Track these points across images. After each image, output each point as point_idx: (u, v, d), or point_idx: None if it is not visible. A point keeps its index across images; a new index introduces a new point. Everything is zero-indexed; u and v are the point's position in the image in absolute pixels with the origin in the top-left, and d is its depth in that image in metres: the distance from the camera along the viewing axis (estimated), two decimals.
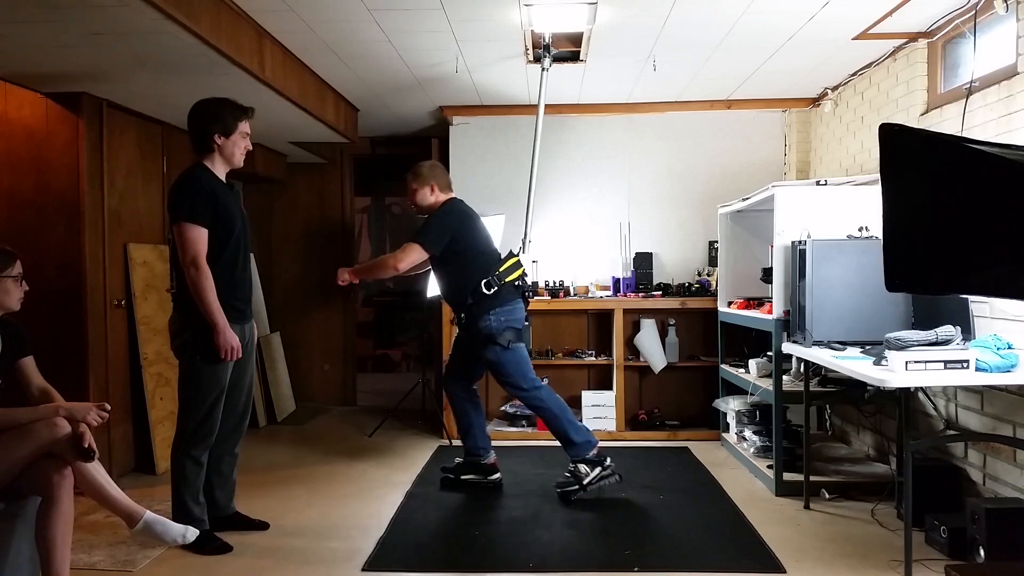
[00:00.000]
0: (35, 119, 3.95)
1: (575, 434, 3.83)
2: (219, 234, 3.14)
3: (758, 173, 5.47)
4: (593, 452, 3.82)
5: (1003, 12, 3.21)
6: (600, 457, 3.82)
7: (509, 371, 3.89)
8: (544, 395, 3.90)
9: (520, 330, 3.92)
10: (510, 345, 3.84)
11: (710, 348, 5.23)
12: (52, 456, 2.53)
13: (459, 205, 4.01)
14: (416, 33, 3.86)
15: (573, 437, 3.83)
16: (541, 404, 3.89)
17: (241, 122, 3.22)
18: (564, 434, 3.85)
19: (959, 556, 3.00)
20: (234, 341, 3.13)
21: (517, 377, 3.89)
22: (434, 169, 4.04)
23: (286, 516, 3.62)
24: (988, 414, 3.29)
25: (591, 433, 3.91)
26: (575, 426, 3.86)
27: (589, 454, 3.81)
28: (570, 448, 3.84)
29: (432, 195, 3.97)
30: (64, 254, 3.95)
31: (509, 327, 3.85)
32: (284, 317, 6.43)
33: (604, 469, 3.79)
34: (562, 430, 3.85)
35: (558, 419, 3.85)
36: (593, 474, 3.78)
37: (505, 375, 3.91)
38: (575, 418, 3.93)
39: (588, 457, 3.80)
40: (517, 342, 3.89)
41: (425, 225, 3.90)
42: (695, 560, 3.07)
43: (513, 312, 3.88)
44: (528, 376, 3.91)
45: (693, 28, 3.86)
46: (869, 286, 3.47)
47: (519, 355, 3.90)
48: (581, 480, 3.78)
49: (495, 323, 3.82)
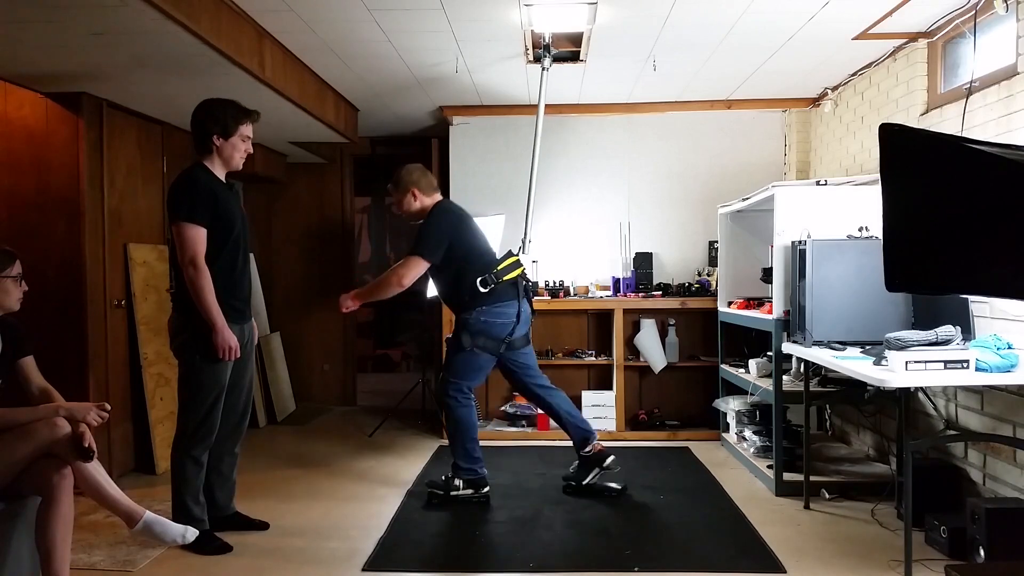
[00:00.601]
0: (35, 119, 3.95)
1: (462, 459, 3.82)
2: (218, 234, 3.14)
3: (758, 173, 5.47)
4: (474, 477, 3.82)
5: (1003, 12, 3.21)
6: (481, 482, 3.82)
7: (454, 368, 3.82)
8: (460, 411, 3.82)
9: (500, 339, 3.79)
10: (472, 348, 3.77)
11: (710, 348, 5.23)
12: (52, 456, 2.53)
13: (449, 207, 3.95)
14: (416, 33, 3.86)
15: (460, 462, 3.82)
16: (451, 412, 3.83)
17: (243, 125, 3.21)
18: (454, 451, 3.84)
19: (959, 556, 3.00)
20: (232, 341, 3.12)
21: (456, 378, 3.82)
22: (412, 173, 3.90)
23: (286, 516, 3.62)
24: (988, 414, 3.29)
25: (480, 466, 3.84)
26: (467, 453, 3.82)
27: (469, 477, 3.81)
28: (453, 466, 3.84)
29: (416, 201, 3.87)
30: (64, 254, 3.95)
31: (486, 333, 3.77)
32: (284, 317, 6.43)
33: (476, 494, 3.80)
34: (456, 447, 3.84)
35: (456, 439, 3.84)
36: (463, 492, 3.79)
37: (449, 369, 3.86)
38: (474, 448, 3.84)
39: (468, 478, 3.81)
40: (484, 350, 3.79)
41: (421, 234, 3.79)
42: (695, 560, 3.07)
43: (500, 315, 3.78)
44: (463, 383, 3.83)
45: (693, 28, 3.86)
46: (869, 286, 3.47)
47: (473, 362, 3.81)
48: (449, 490, 3.79)
49: (474, 321, 3.76)
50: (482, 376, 3.94)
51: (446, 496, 3.78)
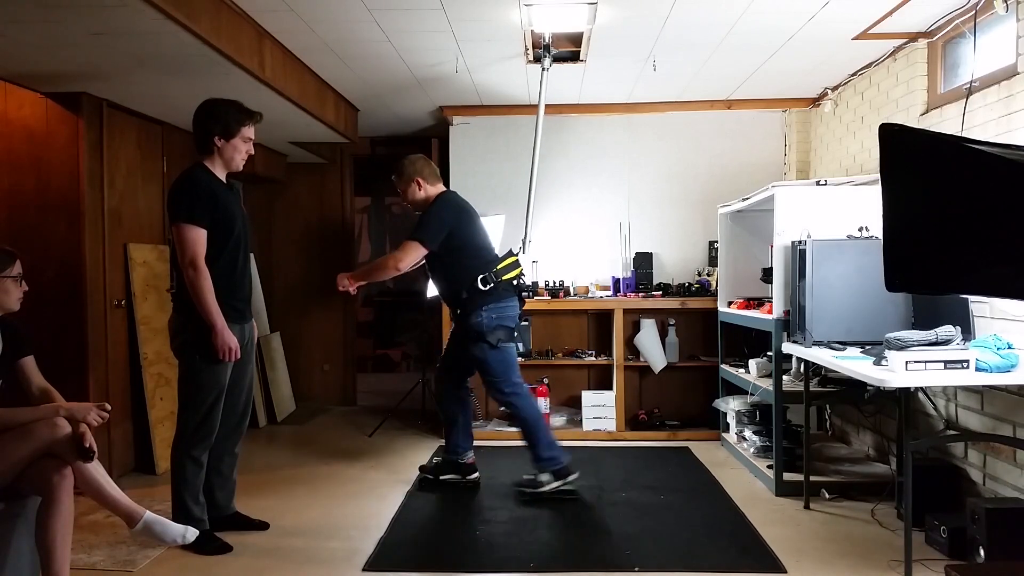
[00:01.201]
0: (35, 119, 3.95)
1: (543, 450, 3.82)
2: (219, 234, 3.14)
3: (758, 173, 5.47)
4: (559, 467, 3.81)
5: (1003, 12, 3.21)
6: (565, 472, 3.82)
7: (494, 370, 3.86)
8: (523, 402, 3.86)
9: (512, 329, 3.87)
10: (499, 344, 3.81)
11: (710, 348, 5.23)
12: (52, 456, 2.53)
13: (453, 198, 3.98)
14: (416, 33, 3.86)
15: (541, 452, 3.82)
16: (517, 411, 3.86)
17: (245, 126, 3.20)
18: (533, 446, 3.85)
19: (959, 556, 3.00)
20: (232, 342, 3.12)
21: (500, 379, 3.86)
22: (415, 163, 3.94)
23: (286, 516, 3.62)
24: (988, 414, 3.29)
25: (561, 451, 3.86)
26: (547, 442, 3.83)
27: (554, 468, 3.81)
28: (534, 460, 3.85)
29: (421, 190, 3.92)
30: (64, 254, 3.95)
31: (500, 325, 3.82)
32: (284, 317, 6.43)
33: (565, 483, 3.80)
34: (532, 442, 3.84)
35: (530, 431, 3.84)
36: (552, 485, 3.80)
37: (489, 374, 3.88)
38: (549, 434, 3.88)
39: (553, 469, 3.81)
40: (507, 342, 3.86)
41: (422, 221, 3.85)
42: (696, 560, 3.07)
43: (506, 310, 3.85)
44: (511, 379, 3.87)
45: (693, 28, 3.86)
46: (869, 286, 3.47)
47: (506, 355, 3.86)
48: (538, 487, 3.80)
49: (486, 320, 3.80)
50: (517, 365, 3.95)
51: (536, 494, 3.78)
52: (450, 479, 4.07)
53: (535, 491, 3.80)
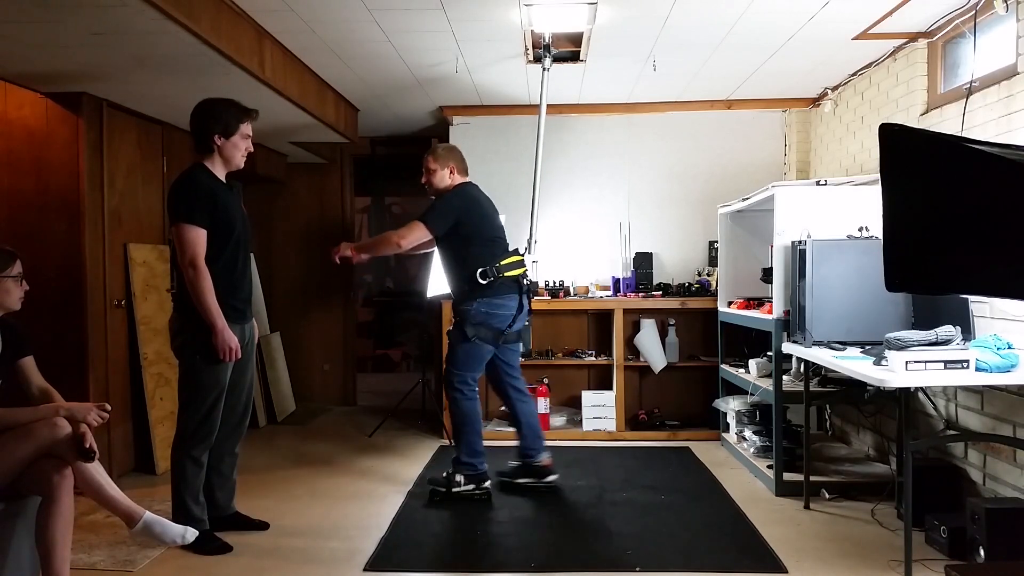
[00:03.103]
0: (35, 119, 3.95)
1: (466, 454, 3.83)
2: (218, 234, 3.14)
3: (758, 173, 5.47)
4: (476, 473, 3.83)
5: (1003, 12, 3.21)
6: (480, 478, 3.83)
7: (456, 360, 3.85)
8: (464, 405, 3.84)
9: (499, 330, 3.82)
10: (473, 339, 3.79)
11: (710, 348, 5.23)
12: (52, 456, 2.52)
13: (471, 190, 3.97)
14: (416, 33, 3.86)
15: (462, 455, 3.83)
16: (456, 407, 3.85)
17: (243, 124, 3.21)
18: (458, 444, 3.86)
19: (959, 556, 3.00)
20: (232, 342, 3.12)
21: (457, 370, 3.84)
22: (452, 151, 4.00)
23: (286, 516, 3.62)
24: (988, 414, 3.29)
25: (482, 462, 3.86)
26: (471, 448, 3.84)
27: (471, 472, 3.82)
28: (454, 461, 3.85)
29: (450, 177, 3.93)
30: (64, 254, 3.95)
31: (486, 323, 3.79)
32: (284, 317, 6.43)
33: (478, 489, 3.82)
34: (459, 442, 3.86)
35: (460, 433, 3.85)
36: (464, 487, 3.80)
37: (451, 361, 3.88)
38: (478, 442, 3.86)
39: (468, 473, 3.82)
40: (484, 341, 3.81)
41: (432, 205, 3.88)
42: (697, 560, 3.07)
43: (501, 307, 3.82)
44: (467, 378, 3.85)
45: (693, 28, 3.86)
46: (869, 286, 3.47)
47: (475, 352, 3.83)
48: (451, 487, 3.80)
49: (474, 311, 3.79)
50: (483, 367, 3.94)
51: (448, 493, 3.79)
52: (526, 483, 3.99)
53: (447, 490, 3.80)
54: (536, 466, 4.01)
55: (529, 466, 4.01)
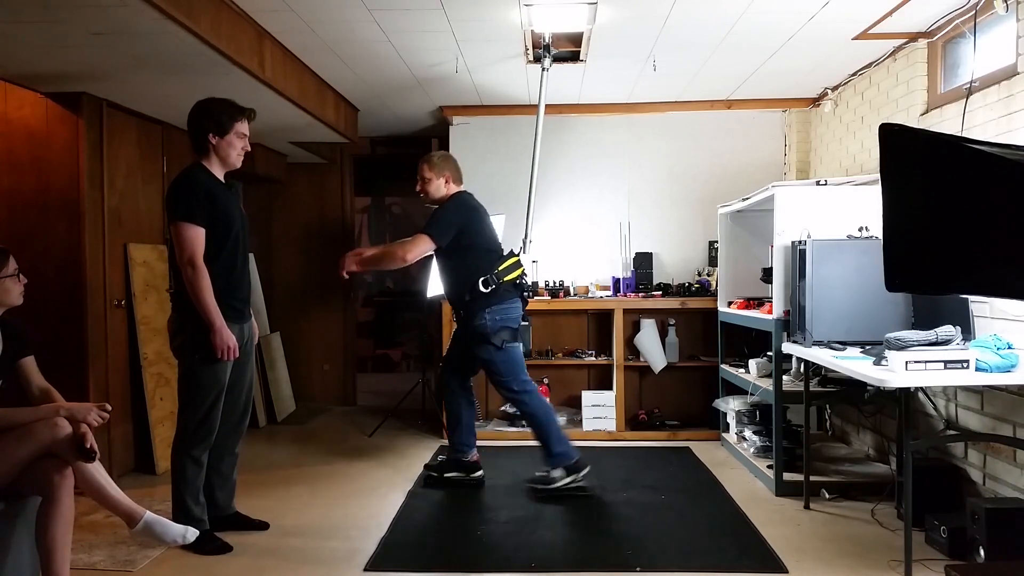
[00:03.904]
0: (35, 119, 3.95)
1: (555, 445, 3.86)
2: (217, 234, 3.14)
3: (758, 173, 5.47)
4: (571, 462, 3.84)
5: (1003, 12, 3.21)
6: (578, 467, 3.85)
7: (500, 371, 3.89)
8: (532, 400, 3.89)
9: (516, 329, 3.90)
10: (504, 345, 3.84)
11: (710, 348, 5.23)
12: (52, 456, 2.52)
13: (469, 199, 4.00)
14: (416, 33, 3.86)
15: (552, 448, 3.86)
16: (527, 408, 3.90)
17: (238, 122, 3.20)
18: (545, 442, 3.87)
19: (959, 556, 3.00)
20: (231, 341, 3.12)
21: (508, 378, 3.89)
22: (448, 160, 4.02)
23: (286, 516, 3.62)
24: (988, 414, 3.29)
25: (572, 446, 3.90)
26: (556, 437, 3.87)
27: (566, 463, 3.84)
28: (547, 456, 3.88)
29: (445, 186, 3.96)
30: (64, 254, 3.95)
31: (504, 327, 3.84)
32: (284, 317, 6.43)
33: (577, 478, 3.84)
34: (544, 437, 3.87)
35: (542, 427, 3.87)
36: (565, 480, 3.83)
37: (497, 374, 3.91)
38: (560, 429, 3.92)
39: (565, 465, 3.84)
40: (512, 342, 3.88)
41: (434, 216, 3.88)
42: (697, 560, 3.07)
43: (509, 311, 3.87)
44: (519, 378, 3.90)
45: (693, 28, 3.86)
46: (869, 286, 3.47)
47: (512, 356, 3.89)
48: (550, 483, 3.83)
49: (490, 322, 3.82)
50: (523, 366, 3.98)
51: (550, 489, 3.82)
52: (454, 477, 4.08)
53: (547, 487, 3.83)
54: (466, 461, 4.09)
55: (458, 461, 4.10)
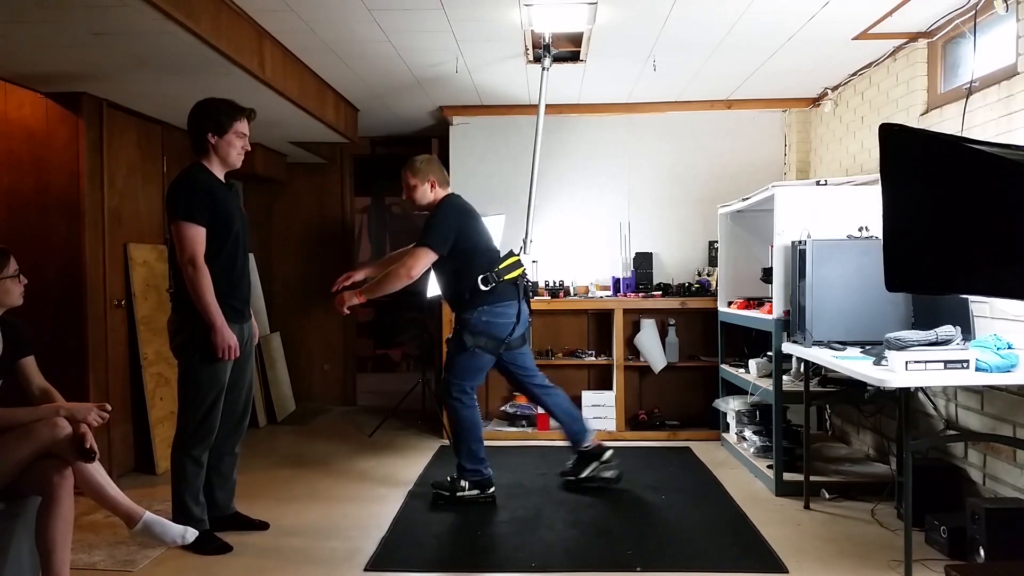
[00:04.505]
0: (35, 119, 3.95)
1: (468, 462, 3.81)
2: (217, 233, 3.14)
3: (758, 173, 5.47)
4: (479, 479, 3.81)
5: (1003, 12, 3.21)
6: (486, 483, 3.82)
7: (455, 368, 3.83)
8: (463, 412, 3.82)
9: (500, 340, 3.79)
10: (474, 348, 3.77)
11: (710, 348, 5.23)
12: (52, 456, 2.52)
13: (458, 201, 3.95)
14: (416, 33, 3.86)
15: (463, 461, 3.82)
16: (456, 413, 3.83)
17: (237, 122, 3.20)
18: (459, 452, 3.84)
19: (959, 556, 3.00)
20: (231, 340, 3.12)
21: (456, 379, 3.82)
22: (431, 164, 3.93)
23: (286, 516, 3.62)
24: (988, 414, 3.29)
25: (486, 467, 3.83)
26: (473, 455, 3.82)
27: (474, 479, 3.81)
28: (457, 468, 3.84)
29: (432, 191, 3.88)
30: (64, 254, 3.95)
31: (487, 333, 3.77)
32: (284, 317, 6.43)
33: (483, 494, 3.81)
34: (461, 447, 3.84)
35: (460, 438, 3.83)
36: (470, 492, 3.80)
37: (449, 370, 3.85)
38: (479, 448, 3.84)
39: (472, 479, 3.80)
40: (485, 350, 3.79)
41: (429, 226, 3.79)
42: (697, 560, 3.07)
43: (502, 315, 3.78)
44: (465, 386, 3.83)
45: (693, 28, 3.86)
46: (869, 286, 3.47)
47: (475, 362, 3.81)
48: (456, 491, 3.79)
49: (475, 321, 3.76)
50: (483, 376, 3.94)
51: (452, 497, 3.78)
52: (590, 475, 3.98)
53: (451, 495, 3.79)
54: (588, 451, 3.99)
55: (583, 454, 4.00)
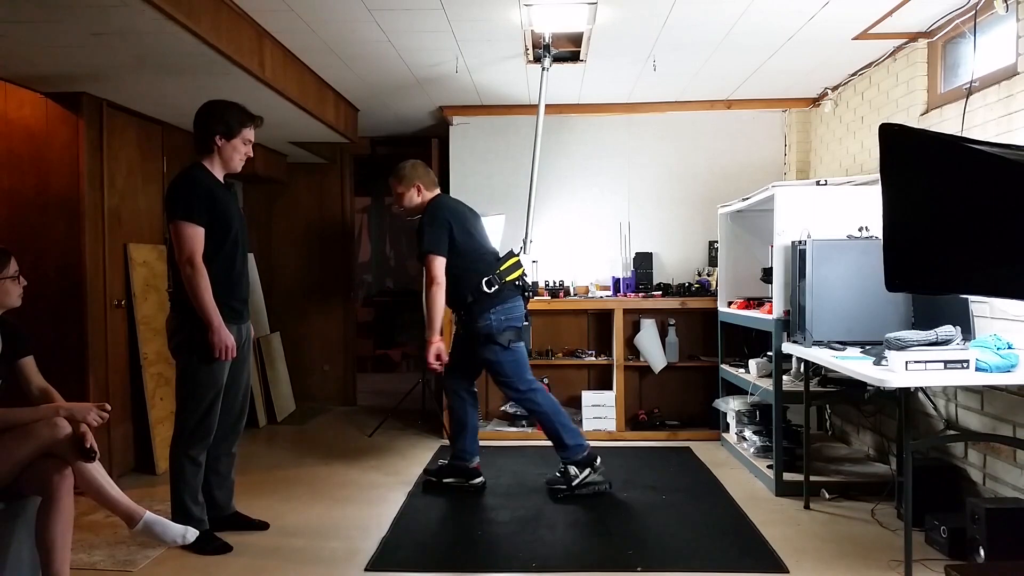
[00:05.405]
0: (35, 119, 3.95)
1: (568, 437, 3.85)
2: (216, 233, 3.14)
3: (758, 173, 5.47)
4: (584, 455, 3.85)
5: (1003, 12, 3.21)
6: (591, 459, 3.85)
7: (506, 371, 3.89)
8: (539, 398, 3.90)
9: (520, 329, 3.90)
10: (510, 345, 3.84)
11: (710, 348, 5.23)
12: (52, 456, 2.53)
13: (446, 201, 3.99)
14: (416, 33, 3.86)
15: (566, 440, 3.85)
16: (536, 407, 3.90)
17: (246, 128, 3.22)
18: (557, 436, 3.87)
19: (959, 556, 3.00)
20: (229, 340, 3.12)
21: (514, 378, 3.89)
22: (416, 168, 3.97)
23: (286, 516, 3.62)
24: (988, 414, 3.29)
25: (583, 436, 3.91)
26: (568, 429, 3.87)
27: (580, 456, 3.84)
28: (561, 450, 3.88)
29: (419, 196, 3.93)
30: (64, 254, 3.95)
31: (509, 326, 3.85)
32: (284, 317, 6.42)
33: (594, 471, 3.84)
34: (555, 433, 3.87)
35: (552, 422, 3.87)
36: (582, 476, 3.83)
37: (502, 375, 3.91)
38: (569, 420, 3.93)
39: (579, 459, 3.84)
40: (517, 341, 3.88)
41: (420, 234, 3.84)
42: (698, 560, 3.07)
43: (513, 311, 3.87)
44: (525, 377, 3.90)
45: (693, 28, 3.86)
46: (869, 286, 3.47)
47: (518, 355, 3.89)
48: (570, 481, 3.83)
49: (495, 322, 3.82)
50: (527, 365, 3.96)
51: (571, 487, 3.81)
52: (453, 483, 4.02)
53: (568, 486, 3.83)
54: (467, 467, 4.02)
55: (460, 467, 4.02)
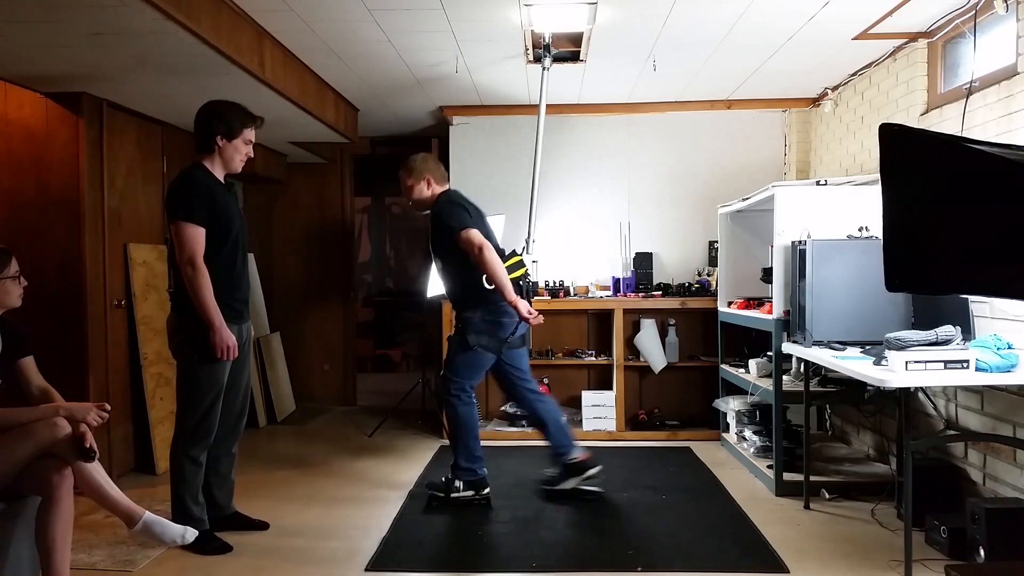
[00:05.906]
0: (35, 119, 3.95)
1: (464, 460, 3.79)
2: (216, 234, 3.14)
3: (758, 173, 5.47)
4: (475, 479, 3.79)
5: (1003, 12, 3.21)
6: (480, 483, 3.80)
7: (455, 367, 3.81)
8: (461, 410, 3.80)
9: (501, 340, 3.77)
10: (475, 347, 3.75)
11: (710, 348, 5.23)
12: (52, 456, 2.52)
13: (456, 196, 3.93)
14: (416, 33, 3.86)
15: (459, 460, 3.80)
16: (454, 411, 3.81)
17: (247, 129, 3.22)
18: (456, 450, 3.82)
19: (959, 556, 3.00)
20: (230, 340, 3.12)
21: (456, 377, 3.80)
22: (427, 161, 3.92)
23: (286, 516, 3.62)
24: (988, 414, 3.29)
25: (481, 467, 3.81)
26: (469, 453, 3.79)
27: (468, 479, 3.79)
28: (453, 467, 3.81)
29: (429, 189, 3.87)
30: (64, 254, 3.95)
31: (490, 333, 3.75)
32: (284, 317, 6.43)
33: (477, 495, 3.79)
34: (456, 445, 3.82)
35: (458, 437, 3.82)
36: (464, 493, 3.77)
37: (450, 367, 3.83)
38: (476, 447, 3.82)
39: (466, 480, 3.78)
40: (487, 349, 3.77)
41: (448, 216, 3.72)
42: (698, 560, 3.07)
43: (503, 315, 3.75)
44: (464, 384, 3.81)
45: (693, 28, 3.86)
46: (869, 286, 3.47)
47: (476, 360, 3.80)
48: (450, 492, 3.76)
49: (477, 321, 3.75)
50: (482, 375, 3.93)
51: (446, 499, 3.77)
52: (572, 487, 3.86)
53: (445, 495, 3.78)
54: (573, 463, 3.90)
55: (566, 465, 3.91)
